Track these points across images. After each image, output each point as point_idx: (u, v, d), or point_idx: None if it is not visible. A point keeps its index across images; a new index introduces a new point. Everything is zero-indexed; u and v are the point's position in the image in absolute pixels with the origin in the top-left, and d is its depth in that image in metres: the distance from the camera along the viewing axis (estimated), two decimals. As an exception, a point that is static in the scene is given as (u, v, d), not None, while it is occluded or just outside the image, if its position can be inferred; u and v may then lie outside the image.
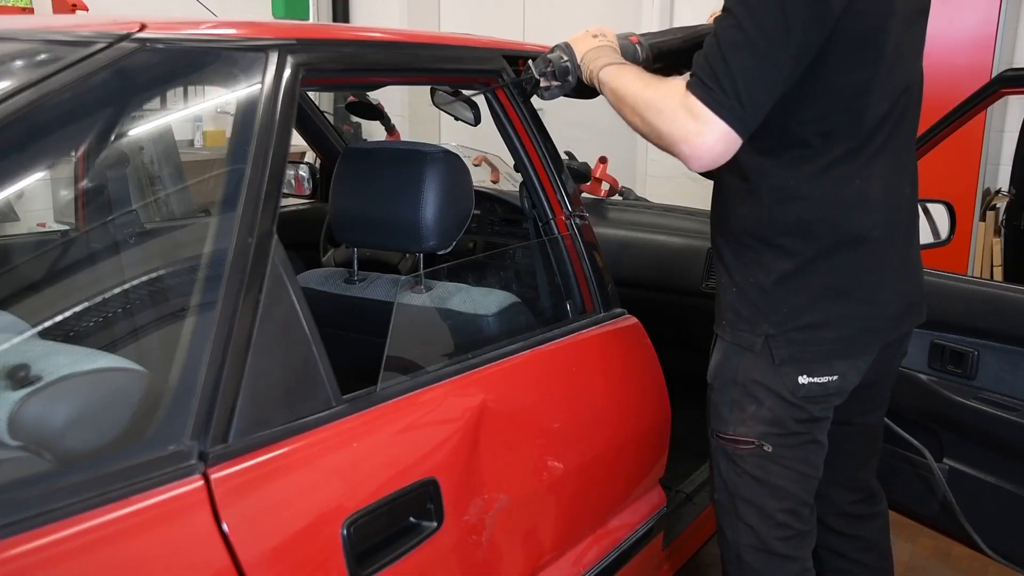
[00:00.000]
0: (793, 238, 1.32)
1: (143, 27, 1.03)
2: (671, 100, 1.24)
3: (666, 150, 1.27)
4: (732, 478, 1.44)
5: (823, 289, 1.33)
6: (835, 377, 1.36)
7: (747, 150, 1.30)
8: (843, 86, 1.25)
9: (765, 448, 1.39)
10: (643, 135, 1.31)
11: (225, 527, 0.85)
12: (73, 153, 1.28)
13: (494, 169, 3.15)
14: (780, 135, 1.29)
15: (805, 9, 1.16)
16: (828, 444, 1.47)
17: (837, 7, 1.18)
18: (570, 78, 1.44)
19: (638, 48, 1.48)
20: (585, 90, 1.46)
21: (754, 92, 1.18)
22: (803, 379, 1.35)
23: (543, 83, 1.47)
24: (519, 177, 1.63)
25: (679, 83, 1.24)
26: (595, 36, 1.44)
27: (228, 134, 1.16)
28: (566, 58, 1.44)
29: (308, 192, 2.80)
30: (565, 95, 1.50)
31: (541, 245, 1.59)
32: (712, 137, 1.20)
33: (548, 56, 1.46)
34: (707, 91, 1.20)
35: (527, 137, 1.54)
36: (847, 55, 1.23)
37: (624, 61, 1.40)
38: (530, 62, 1.49)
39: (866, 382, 1.46)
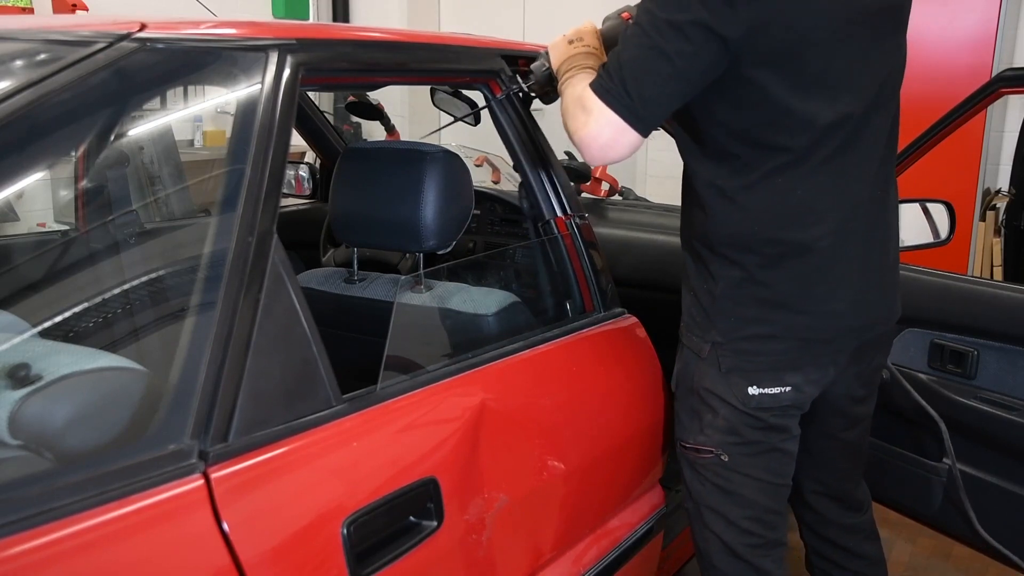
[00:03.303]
0: (735, 248, 1.31)
1: (143, 27, 1.03)
2: (575, 98, 1.27)
3: (576, 148, 1.28)
4: (696, 487, 1.44)
5: (769, 300, 1.31)
6: (787, 388, 1.34)
7: (695, 158, 1.32)
8: (764, 101, 1.22)
9: (722, 457, 1.38)
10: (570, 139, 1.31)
11: (225, 526, 0.85)
12: (73, 153, 1.29)
13: (495, 169, 3.15)
14: (714, 145, 1.29)
15: (704, 14, 1.15)
16: (813, 457, 1.47)
17: (738, 21, 1.15)
18: (555, 83, 1.45)
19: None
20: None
21: (642, 81, 1.18)
22: (753, 390, 1.33)
23: (532, 94, 1.51)
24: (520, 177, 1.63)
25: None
26: (571, 42, 1.41)
27: (228, 134, 1.16)
28: (547, 66, 1.46)
29: (308, 192, 2.80)
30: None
31: (541, 245, 1.59)
32: (596, 125, 1.21)
33: (532, 66, 1.48)
34: (597, 82, 1.22)
35: (525, 138, 1.55)
36: (763, 70, 1.20)
37: (586, 67, 1.35)
38: (518, 78, 1.52)
39: (839, 394, 1.44)
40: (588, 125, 1.22)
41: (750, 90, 1.21)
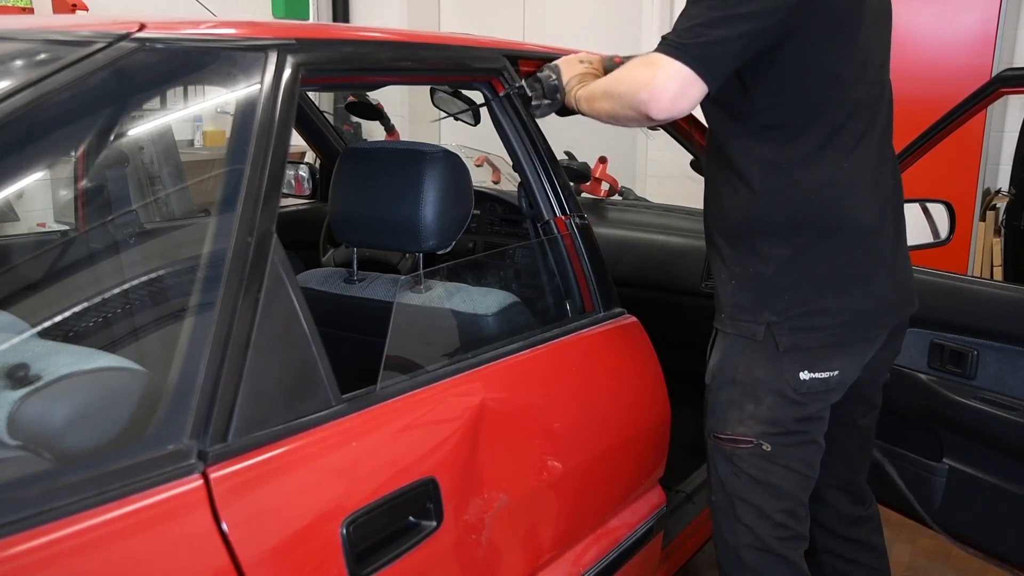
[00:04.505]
0: (787, 225, 1.33)
1: (142, 27, 1.03)
2: (632, 65, 1.32)
3: (633, 113, 1.29)
4: (730, 478, 1.44)
5: (822, 276, 1.34)
6: (835, 372, 1.37)
7: (739, 136, 1.35)
8: (818, 67, 1.28)
9: (764, 447, 1.39)
10: (615, 116, 1.34)
11: (224, 526, 0.85)
12: (73, 153, 1.28)
13: (495, 169, 3.15)
14: (763, 117, 1.32)
15: None
16: (827, 449, 1.47)
17: None
18: (558, 95, 1.51)
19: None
20: (568, 111, 1.55)
21: (708, 35, 1.21)
22: (804, 375, 1.36)
23: (534, 100, 1.55)
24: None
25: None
26: (582, 62, 1.51)
27: (228, 134, 1.16)
28: (555, 77, 1.52)
29: (308, 192, 2.80)
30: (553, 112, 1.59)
31: (541, 245, 1.59)
32: (664, 76, 1.22)
33: (539, 75, 1.54)
34: (663, 41, 1.25)
35: (525, 138, 1.55)
36: (820, 37, 1.26)
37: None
38: (524, 81, 1.55)
39: (865, 379, 1.47)
40: (656, 77, 1.23)
41: (805, 55, 1.26)
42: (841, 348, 1.37)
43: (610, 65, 1.54)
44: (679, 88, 1.22)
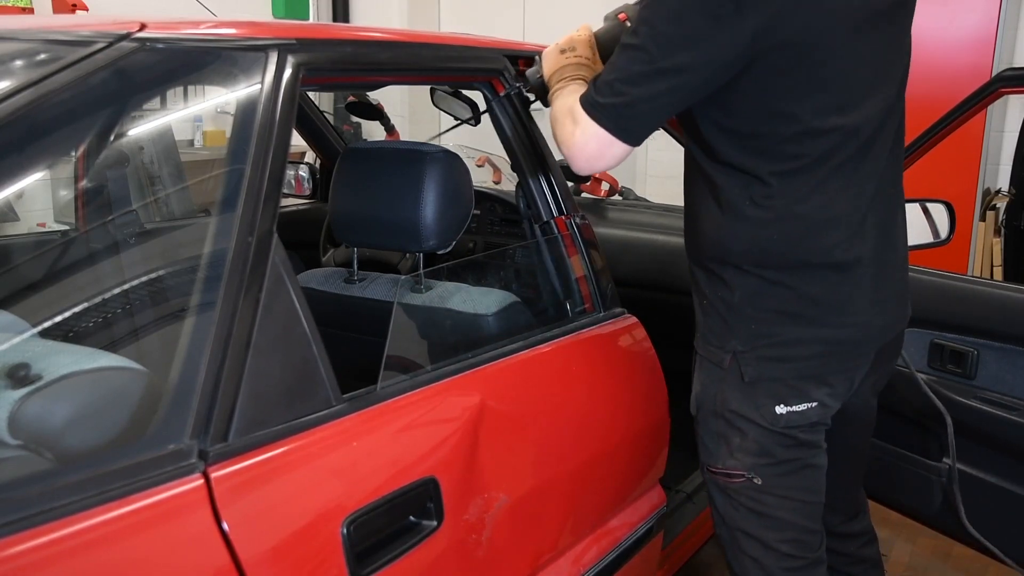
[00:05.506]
0: (749, 257, 1.27)
1: (143, 27, 1.03)
2: (564, 108, 1.26)
3: (564, 157, 1.28)
4: (729, 512, 1.39)
5: (791, 306, 1.27)
6: (813, 404, 1.30)
7: (709, 164, 1.28)
8: (776, 109, 1.18)
9: (755, 480, 1.34)
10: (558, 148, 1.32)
11: (225, 526, 0.85)
12: (73, 153, 1.29)
13: (496, 170, 3.15)
14: (727, 154, 1.24)
15: (705, 25, 1.12)
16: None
17: (747, 30, 1.11)
18: (547, 90, 1.44)
19: (628, 26, 1.46)
20: None
21: (633, 95, 1.16)
22: (780, 409, 1.29)
23: (532, 97, 1.50)
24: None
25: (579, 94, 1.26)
26: (563, 51, 1.39)
27: (228, 134, 1.16)
28: (541, 72, 1.44)
29: (308, 192, 2.80)
30: None
31: (541, 245, 1.60)
32: (582, 137, 1.20)
33: (527, 72, 1.48)
34: (586, 95, 1.21)
35: (524, 138, 1.55)
36: (775, 77, 1.16)
37: (577, 77, 1.34)
38: (517, 80, 1.52)
39: (856, 403, 1.42)
40: (575, 136, 1.21)
41: (759, 98, 1.18)
42: (817, 380, 1.29)
43: (612, 27, 1.40)
44: (595, 150, 1.20)
